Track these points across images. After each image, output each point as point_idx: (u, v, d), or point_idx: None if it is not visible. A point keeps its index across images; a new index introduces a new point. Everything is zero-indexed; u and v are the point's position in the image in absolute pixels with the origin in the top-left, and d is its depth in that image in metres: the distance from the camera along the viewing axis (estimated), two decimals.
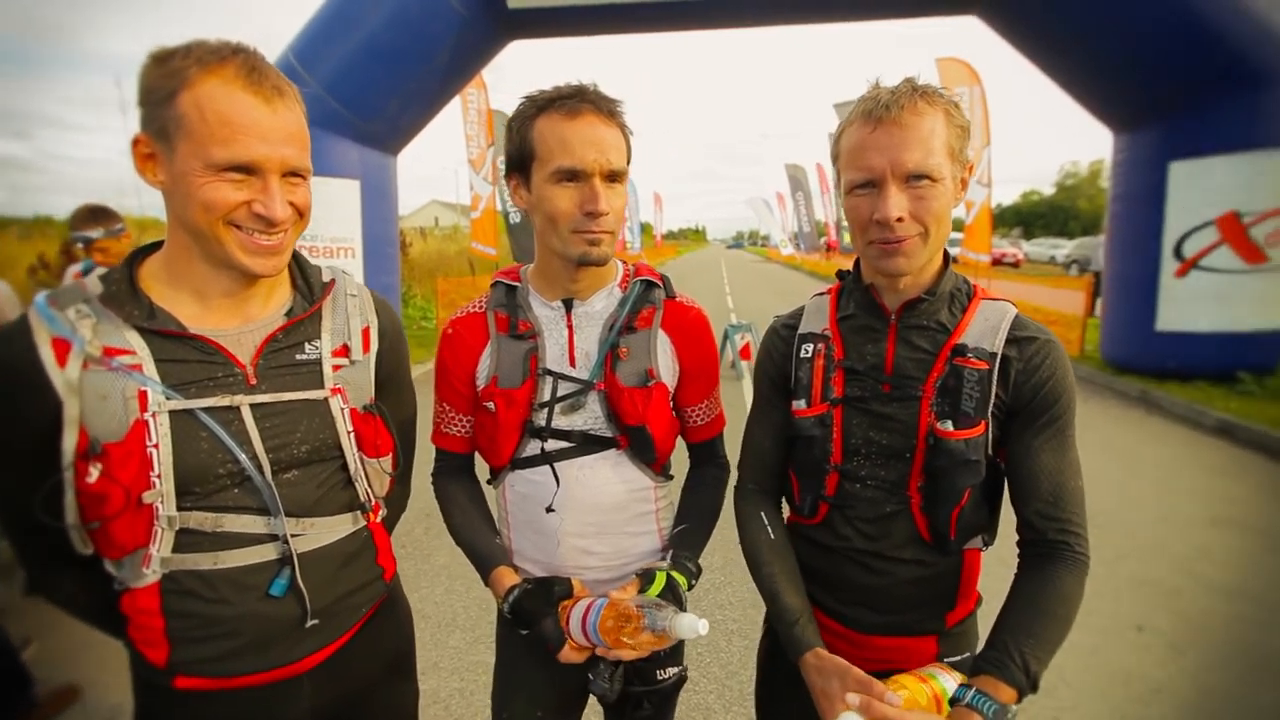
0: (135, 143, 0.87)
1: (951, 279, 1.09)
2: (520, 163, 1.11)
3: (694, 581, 1.16)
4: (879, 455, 1.07)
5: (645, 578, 1.11)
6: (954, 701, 0.90)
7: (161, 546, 0.88)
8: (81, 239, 3.12)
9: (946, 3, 7.19)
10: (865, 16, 7.79)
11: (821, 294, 1.21)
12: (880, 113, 0.96)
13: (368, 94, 6.88)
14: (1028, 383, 1.02)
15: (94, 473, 0.83)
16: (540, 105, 1.08)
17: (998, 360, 1.01)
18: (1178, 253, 6.60)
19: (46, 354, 0.83)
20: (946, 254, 1.10)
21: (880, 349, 1.08)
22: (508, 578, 1.15)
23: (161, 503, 0.87)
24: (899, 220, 0.97)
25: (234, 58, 0.84)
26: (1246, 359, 6.50)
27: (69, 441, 0.84)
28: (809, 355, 1.13)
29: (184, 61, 0.83)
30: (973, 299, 1.08)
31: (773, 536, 1.16)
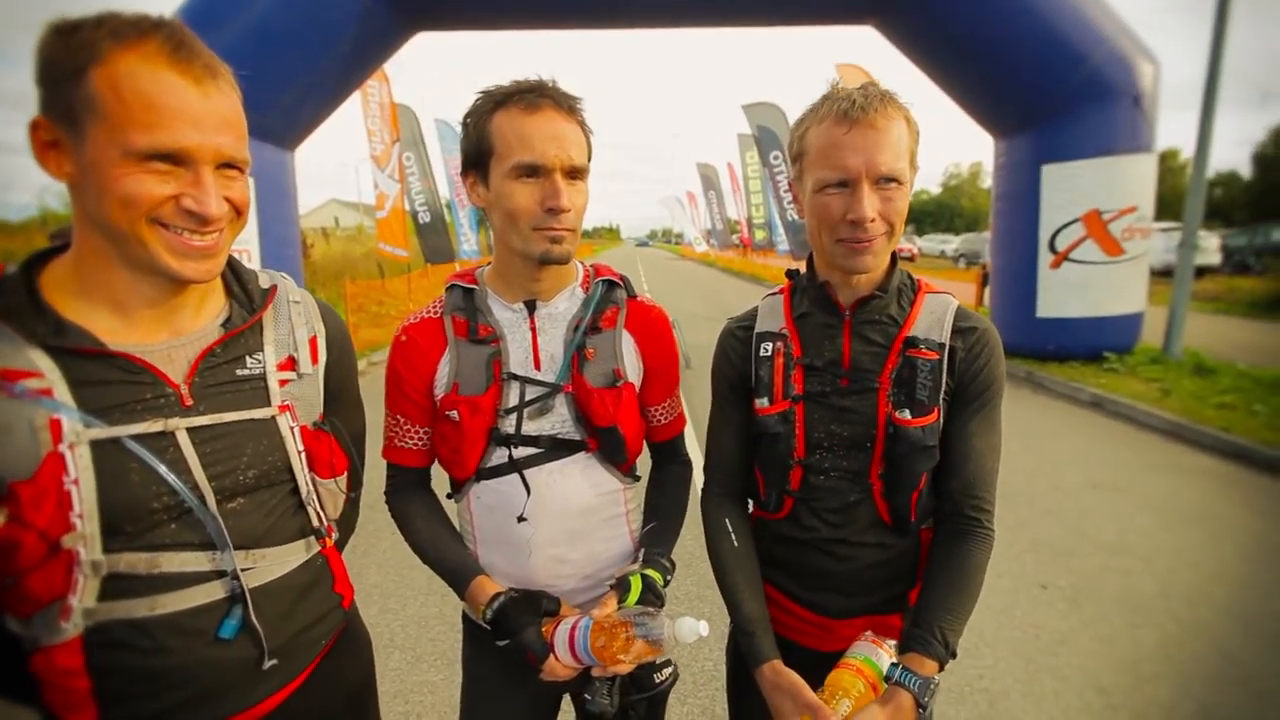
0: (34, 127, 0.74)
1: (898, 275, 1.13)
2: (477, 159, 1.07)
3: (669, 577, 1.15)
4: (841, 447, 1.11)
5: (621, 586, 1.08)
6: (886, 679, 0.98)
7: (84, 595, 0.76)
8: None
9: (845, 12, 7.58)
10: (770, 22, 8.06)
11: (774, 294, 1.23)
12: (856, 114, 0.98)
13: (261, 84, 6.34)
14: (969, 370, 1.08)
15: (0, 518, 0.71)
16: (498, 100, 1.04)
17: (946, 350, 1.07)
18: (1052, 246, 7.32)
19: None
20: (894, 253, 1.15)
21: (837, 345, 1.12)
22: (490, 586, 1.10)
23: (84, 546, 0.75)
24: (871, 220, 1.00)
25: (156, 32, 0.74)
26: (1110, 341, 7.36)
27: None
28: (769, 354, 1.14)
29: (95, 33, 0.71)
30: (918, 292, 1.14)
31: (736, 544, 1.18)
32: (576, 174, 1.06)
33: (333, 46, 6.64)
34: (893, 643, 1.03)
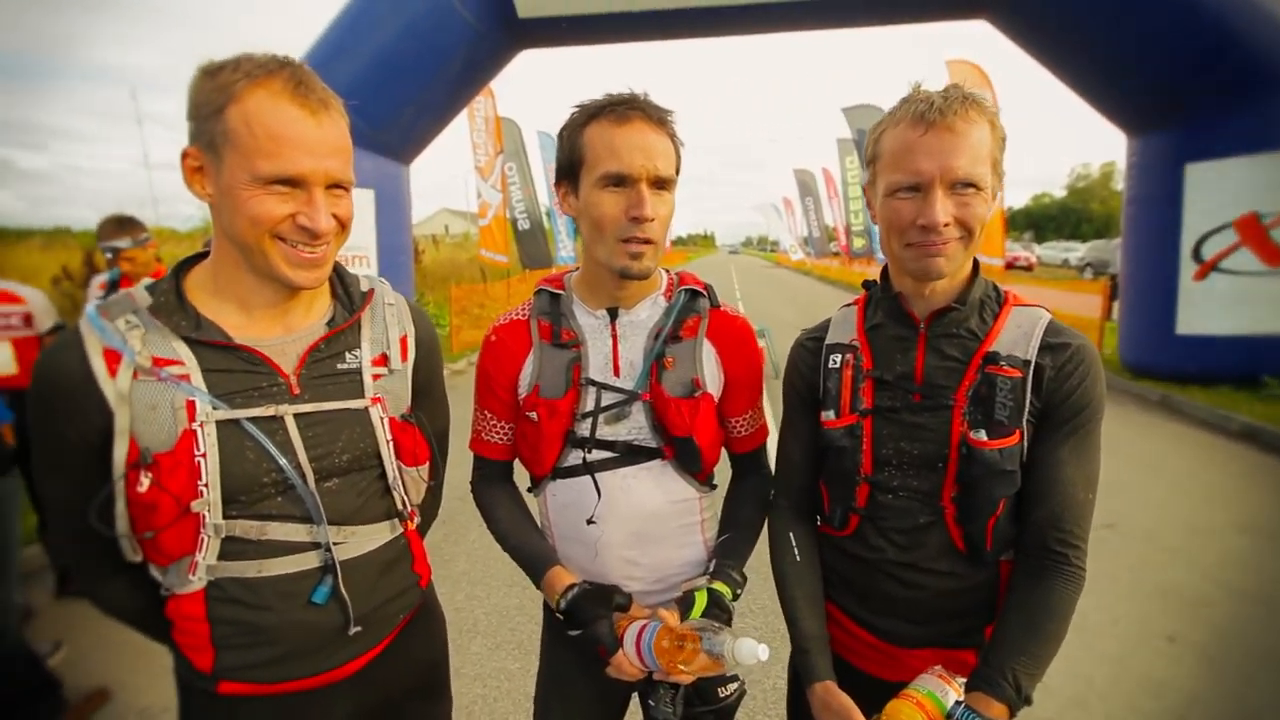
0: (185, 156, 0.88)
1: (981, 286, 1.08)
2: (569, 169, 1.11)
3: (739, 591, 1.14)
4: (911, 466, 1.07)
5: (684, 602, 1.08)
6: (948, 718, 0.92)
7: (208, 554, 0.89)
8: (109, 249, 3.17)
9: (956, 6, 7.17)
10: (875, 21, 7.78)
11: (848, 305, 1.21)
12: (934, 116, 0.95)
13: (381, 104, 6.95)
14: (1059, 390, 1.01)
15: (145, 482, 0.84)
16: (591, 113, 1.08)
17: (1031, 368, 1.01)
18: (1196, 255, 6.52)
19: (98, 365, 0.85)
20: (976, 262, 1.09)
21: (910, 358, 1.07)
22: (565, 577, 1.13)
23: (208, 511, 0.88)
24: (945, 225, 0.97)
25: (281, 71, 0.85)
26: (1270, 362, 6.40)
27: (120, 451, 0.85)
28: (837, 366, 1.12)
29: (232, 76, 0.84)
30: (1004, 305, 1.07)
31: (799, 559, 1.16)
32: (662, 184, 1.08)
33: (445, 67, 7.14)
34: (964, 680, 0.98)
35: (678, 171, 1.12)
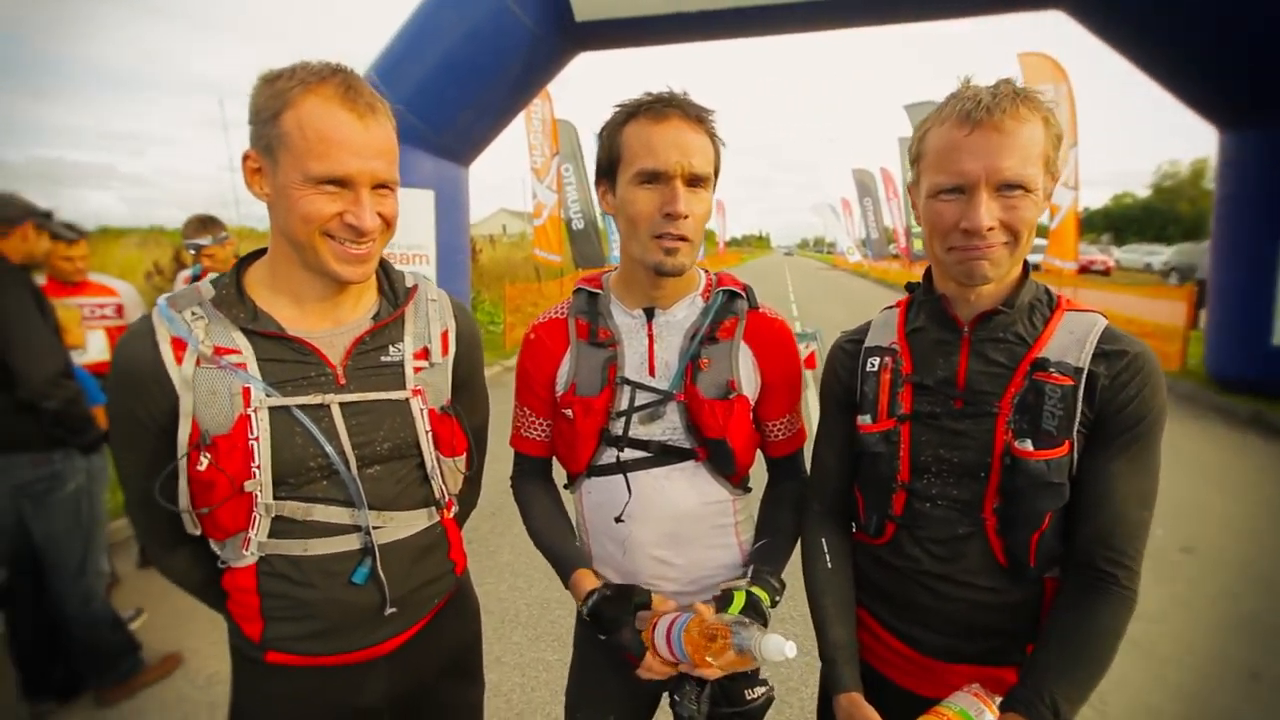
0: (245, 158, 0.94)
1: (1031, 289, 1.03)
2: (608, 168, 1.13)
3: (777, 598, 1.13)
4: (951, 474, 1.03)
5: (723, 600, 1.08)
6: None
7: (259, 531, 0.96)
8: (192, 246, 3.43)
9: None
10: (944, 15, 7.50)
11: (890, 307, 1.18)
12: (980, 115, 0.91)
13: (442, 108, 7.19)
14: (1114, 399, 0.95)
15: (204, 461, 0.91)
16: (630, 111, 1.09)
17: (1084, 376, 0.95)
18: None
19: (167, 351, 0.92)
20: (1026, 264, 1.05)
21: (952, 363, 1.04)
22: (588, 581, 1.15)
23: (260, 491, 0.94)
24: (989, 229, 0.93)
25: (332, 78, 0.90)
26: None
27: (183, 432, 0.92)
28: (875, 369, 1.09)
29: (289, 83, 0.89)
30: (1055, 310, 1.02)
31: (830, 565, 1.14)
32: (697, 182, 1.07)
33: (505, 71, 7.32)
34: (1002, 700, 0.94)
35: (717, 171, 1.11)
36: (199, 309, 0.95)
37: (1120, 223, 51.33)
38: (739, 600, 1.07)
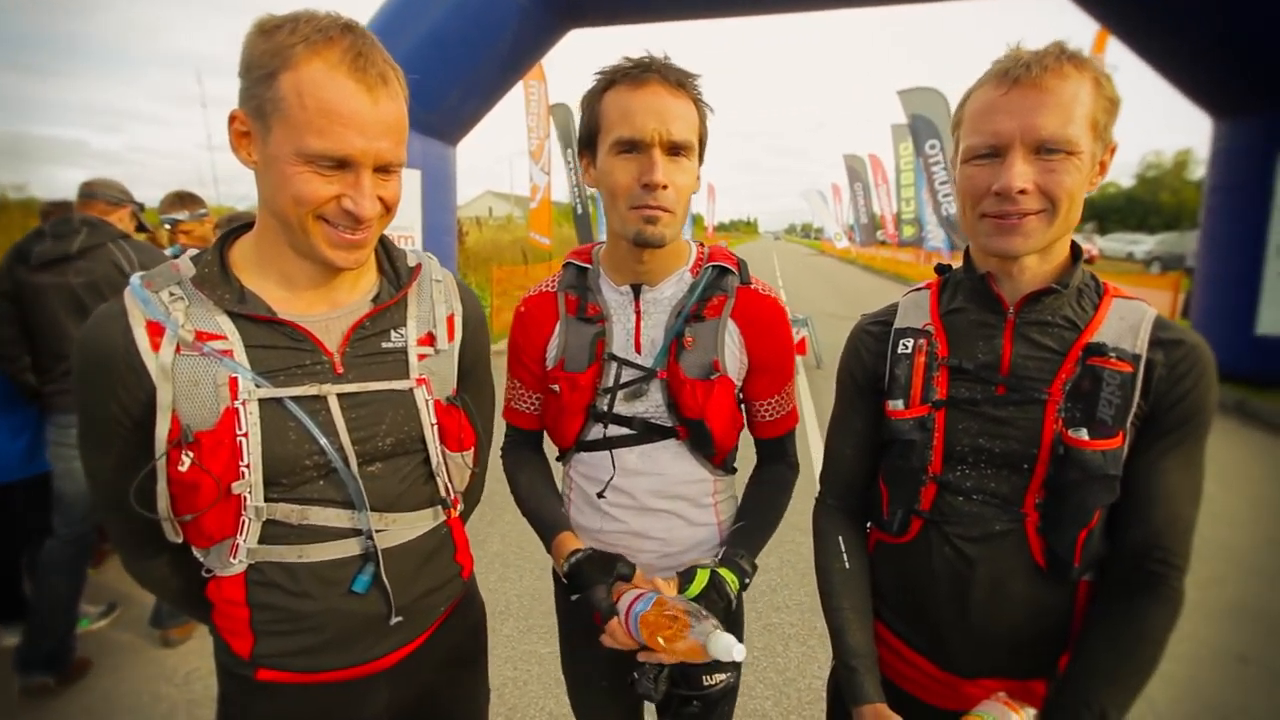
0: (231, 119, 0.83)
1: (1080, 272, 0.96)
2: (589, 138, 1.08)
3: (747, 581, 1.09)
4: (990, 465, 0.96)
5: (685, 576, 1.05)
6: None
7: (249, 537, 0.87)
8: (168, 220, 3.28)
9: None
10: None
11: (918, 288, 1.10)
12: (1019, 72, 0.84)
13: (431, 85, 6.97)
14: (1170, 391, 0.89)
15: (186, 461, 0.81)
16: (609, 78, 1.04)
17: (1142, 363, 0.90)
18: None
19: (141, 337, 0.82)
20: (1076, 245, 0.98)
21: (995, 346, 0.97)
22: (571, 542, 1.13)
23: (250, 493, 0.85)
24: (1021, 193, 0.86)
25: (341, 39, 0.79)
26: None
27: (161, 429, 0.82)
28: (908, 351, 1.02)
29: (290, 38, 0.77)
30: (1104, 295, 0.96)
31: (848, 565, 1.07)
32: (679, 150, 1.02)
33: (494, 47, 7.11)
34: (1032, 711, 0.88)
35: (703, 140, 1.06)
36: (178, 289, 0.84)
37: (1104, 212, 51.80)
38: (701, 578, 1.03)
